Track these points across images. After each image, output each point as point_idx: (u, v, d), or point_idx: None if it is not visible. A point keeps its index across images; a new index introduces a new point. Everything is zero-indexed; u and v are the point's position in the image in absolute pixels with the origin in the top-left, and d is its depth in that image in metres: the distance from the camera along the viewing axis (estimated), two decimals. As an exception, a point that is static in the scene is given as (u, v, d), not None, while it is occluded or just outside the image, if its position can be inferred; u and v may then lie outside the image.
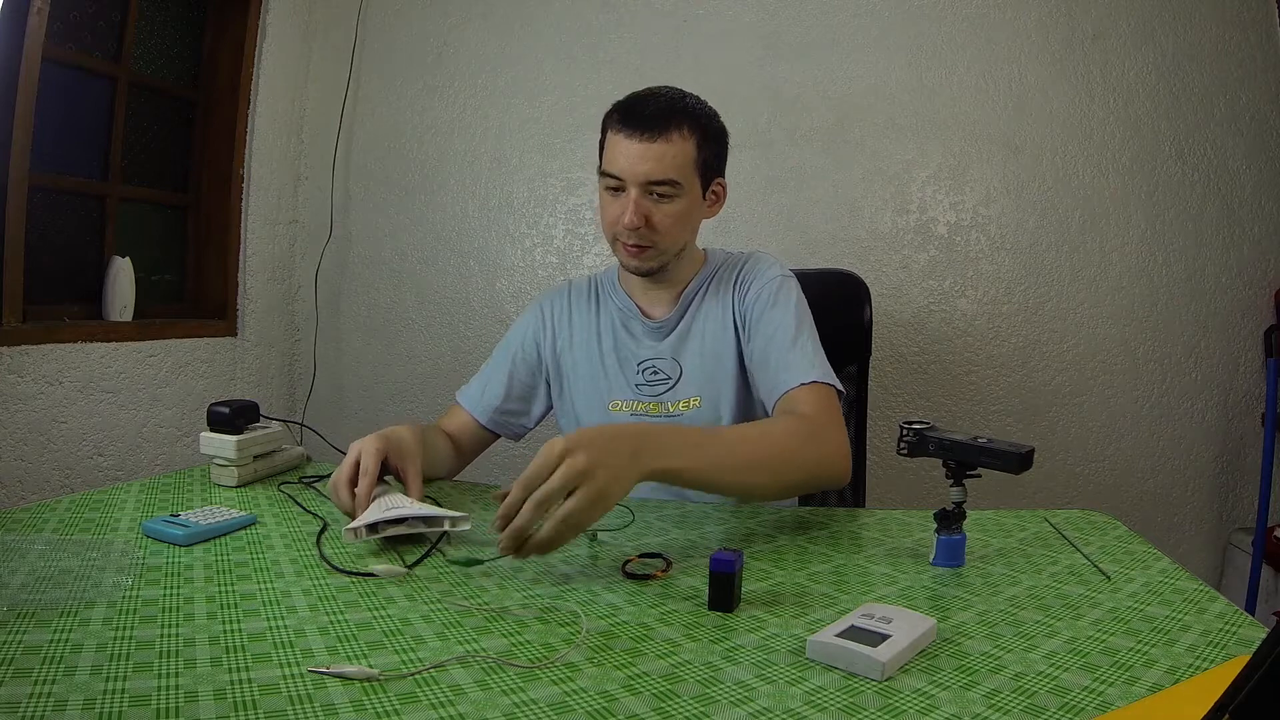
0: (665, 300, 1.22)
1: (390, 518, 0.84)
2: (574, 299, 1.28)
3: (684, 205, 1.11)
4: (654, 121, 1.07)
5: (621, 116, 1.09)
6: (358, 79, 2.41)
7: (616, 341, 1.23)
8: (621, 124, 1.09)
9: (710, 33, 2.21)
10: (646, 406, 1.19)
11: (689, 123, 1.09)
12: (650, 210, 1.09)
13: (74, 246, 1.92)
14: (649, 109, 1.09)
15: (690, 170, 1.10)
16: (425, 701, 0.53)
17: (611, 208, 1.12)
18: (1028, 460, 0.78)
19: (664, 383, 1.19)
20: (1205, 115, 2.04)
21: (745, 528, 0.98)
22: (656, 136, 1.07)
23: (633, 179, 1.08)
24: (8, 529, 0.83)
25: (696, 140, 1.10)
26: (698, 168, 1.11)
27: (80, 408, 1.78)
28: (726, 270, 1.23)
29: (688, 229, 1.16)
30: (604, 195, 1.13)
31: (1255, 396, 2.06)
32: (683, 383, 1.19)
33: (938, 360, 2.13)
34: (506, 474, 2.31)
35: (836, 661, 0.59)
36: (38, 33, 1.64)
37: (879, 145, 2.14)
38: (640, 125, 1.07)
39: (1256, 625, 0.68)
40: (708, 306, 1.21)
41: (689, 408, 1.18)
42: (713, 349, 1.18)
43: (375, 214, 2.43)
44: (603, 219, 1.15)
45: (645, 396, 1.19)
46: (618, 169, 1.09)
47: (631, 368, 1.21)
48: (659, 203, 1.09)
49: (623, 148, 1.08)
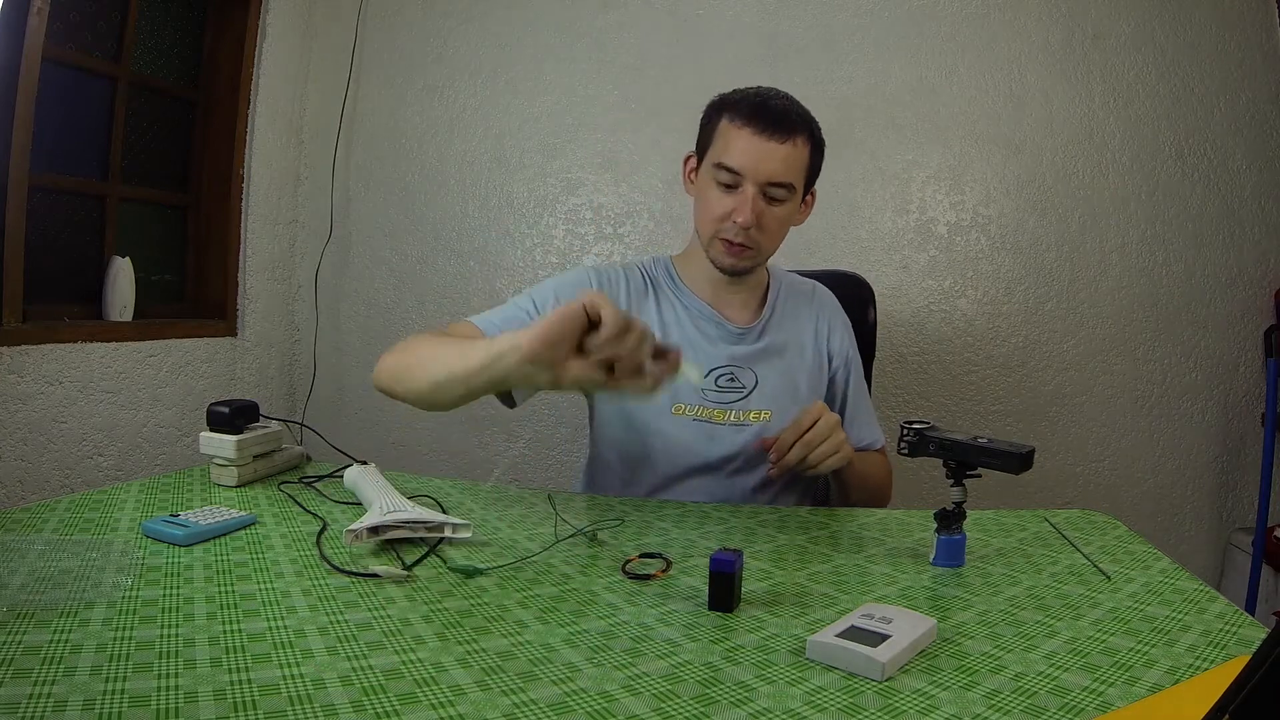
0: (739, 304, 1.20)
1: (392, 520, 0.84)
2: (631, 284, 1.20)
3: (790, 210, 1.12)
4: (783, 123, 1.07)
5: (749, 111, 1.08)
6: (358, 79, 2.41)
7: (688, 342, 1.16)
8: (749, 119, 1.08)
9: (710, 33, 2.21)
10: (711, 413, 1.15)
11: (807, 131, 1.10)
12: (762, 211, 1.09)
13: (74, 246, 1.92)
14: (777, 108, 1.09)
15: (802, 177, 1.12)
16: (425, 702, 0.53)
17: (722, 202, 1.10)
18: (1028, 460, 0.78)
19: (737, 391, 1.16)
20: (1205, 115, 2.04)
21: (745, 527, 0.98)
22: (785, 138, 1.07)
23: (754, 177, 1.07)
24: (8, 529, 0.83)
25: (810, 148, 1.11)
26: (807, 174, 1.13)
27: (80, 408, 1.78)
28: (795, 289, 1.26)
29: (785, 234, 1.16)
30: (711, 189, 1.11)
31: (1255, 396, 2.06)
32: (756, 394, 1.16)
33: (938, 360, 2.13)
34: (507, 474, 2.31)
35: (836, 661, 0.59)
36: (38, 33, 1.64)
37: (879, 145, 2.14)
38: (770, 124, 1.07)
39: (1256, 625, 0.68)
40: (788, 324, 1.21)
41: (758, 420, 1.15)
42: (793, 368, 1.19)
43: (375, 214, 2.43)
44: (704, 213, 1.12)
45: (712, 403, 1.15)
46: (740, 164, 1.07)
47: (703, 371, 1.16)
48: (770, 205, 1.09)
49: (748, 144, 1.07)
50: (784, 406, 1.16)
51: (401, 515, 0.84)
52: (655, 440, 1.16)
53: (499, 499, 1.07)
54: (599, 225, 2.28)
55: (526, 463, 2.34)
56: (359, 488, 0.98)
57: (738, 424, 1.16)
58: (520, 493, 1.11)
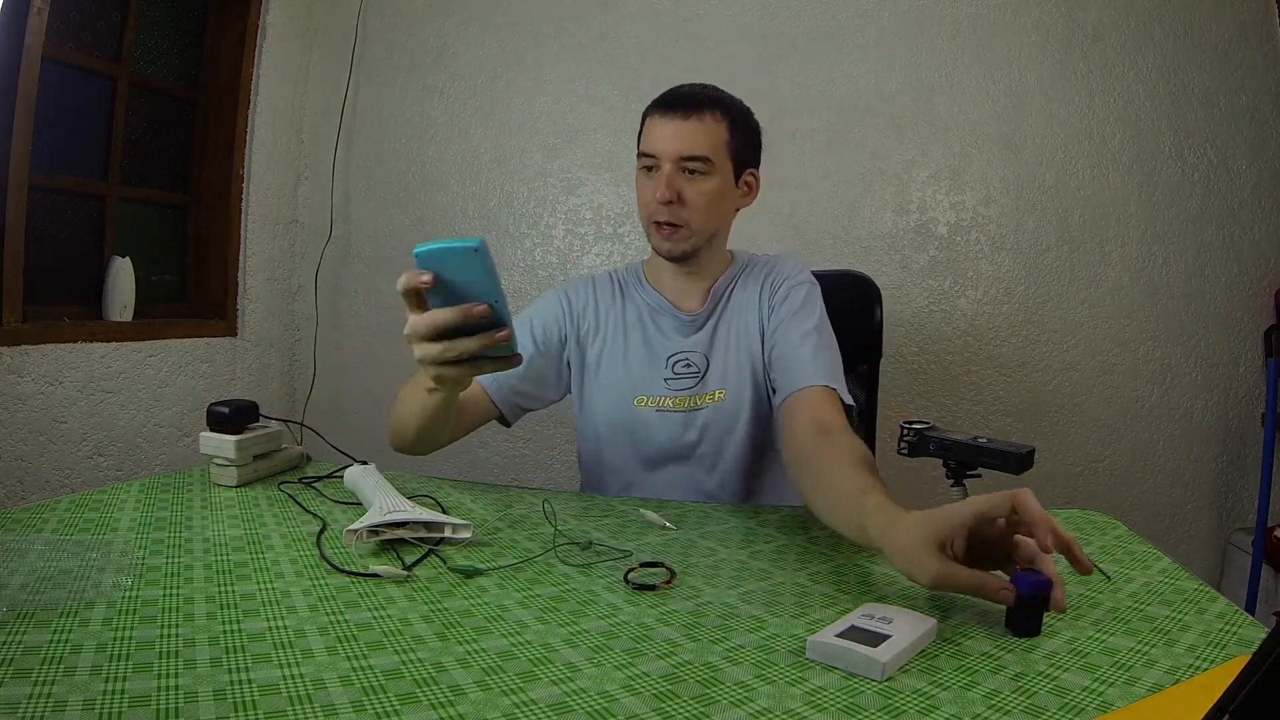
0: (696, 294, 1.23)
1: (392, 520, 0.84)
2: (599, 291, 1.27)
3: (716, 185, 1.14)
4: (687, 102, 1.13)
5: (659, 101, 1.16)
6: (358, 79, 2.41)
7: (645, 336, 1.22)
8: (657, 108, 1.15)
9: (710, 33, 2.21)
10: (674, 401, 1.19)
11: (720, 108, 1.14)
12: (682, 187, 1.12)
13: (74, 246, 1.92)
14: (684, 92, 1.15)
15: (722, 151, 1.14)
16: (425, 702, 0.53)
17: (646, 188, 1.15)
18: (1028, 460, 0.79)
19: (693, 376, 1.20)
20: (1205, 115, 2.04)
21: (745, 527, 0.98)
22: (689, 115, 1.12)
23: (665, 155, 1.12)
24: (8, 529, 0.83)
25: (728, 125, 1.14)
26: (729, 150, 1.15)
27: (80, 408, 1.78)
28: (755, 269, 1.25)
29: (718, 212, 1.17)
30: (640, 179, 1.17)
31: (1255, 396, 2.06)
32: (710, 375, 1.20)
33: (938, 360, 2.13)
34: (507, 474, 2.31)
35: (836, 661, 0.59)
36: (38, 33, 1.64)
37: (879, 145, 2.14)
38: (674, 105, 1.13)
39: (1256, 625, 0.68)
40: (735, 301, 1.22)
41: (714, 400, 1.19)
42: (739, 343, 1.20)
43: (375, 214, 2.43)
44: (639, 204, 1.18)
45: (674, 391, 1.19)
46: (652, 147, 1.13)
47: (661, 362, 1.20)
48: (691, 179, 1.13)
49: (658, 127, 1.13)
50: (738, 382, 1.18)
51: (401, 515, 0.84)
52: (623, 433, 1.21)
53: (499, 499, 1.07)
54: (599, 225, 2.29)
55: (526, 463, 2.34)
56: (359, 488, 0.98)
57: (697, 408, 1.19)
58: (520, 492, 1.11)
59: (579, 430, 1.29)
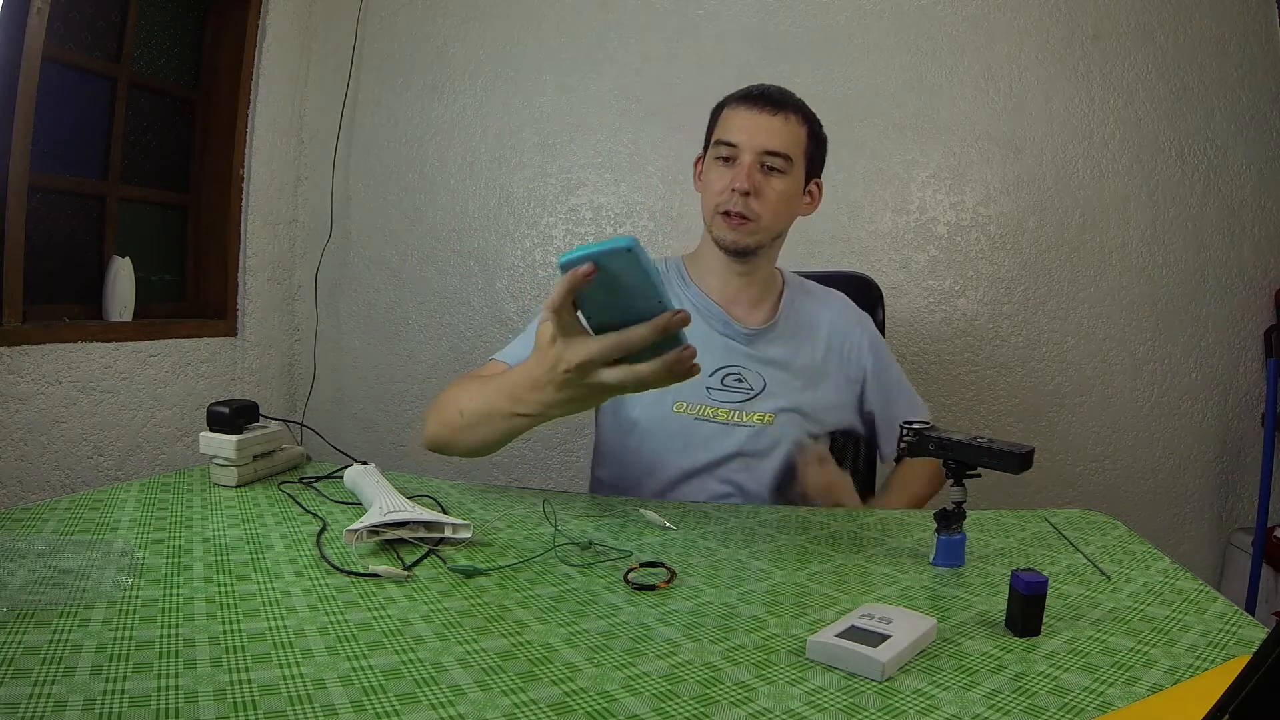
0: (748, 304, 1.21)
1: (392, 520, 0.84)
2: None
3: (790, 185, 1.15)
4: (777, 99, 1.14)
5: (745, 94, 1.16)
6: (358, 79, 2.41)
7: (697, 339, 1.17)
8: (744, 100, 1.15)
9: (710, 33, 2.21)
10: (714, 412, 1.16)
11: (802, 113, 1.16)
12: (760, 182, 1.12)
13: (74, 246, 1.92)
14: (772, 89, 1.16)
15: (800, 153, 1.15)
16: (425, 702, 0.53)
17: (721, 177, 1.14)
18: (1028, 460, 0.78)
19: (744, 392, 1.17)
20: (1205, 115, 2.04)
21: (745, 527, 0.98)
22: (776, 111, 1.13)
23: (750, 147, 1.12)
24: (8, 529, 0.83)
25: (807, 130, 1.16)
26: (805, 154, 1.16)
27: (80, 408, 1.78)
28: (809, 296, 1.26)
29: (787, 213, 1.18)
30: (712, 167, 1.16)
31: (1255, 396, 2.06)
32: (762, 396, 1.17)
33: (938, 360, 2.13)
34: (507, 474, 2.31)
35: (836, 662, 0.59)
36: (38, 33, 1.64)
37: (879, 145, 2.14)
38: (762, 99, 1.14)
39: (1256, 625, 0.68)
40: (803, 333, 1.21)
41: (760, 422, 1.16)
42: (803, 378, 1.18)
43: (375, 214, 2.43)
44: (707, 193, 1.17)
45: (716, 402, 1.16)
46: (735, 136, 1.13)
47: (708, 370, 1.16)
48: (769, 176, 1.13)
49: (743, 118, 1.13)
50: (788, 416, 1.17)
51: (401, 515, 0.84)
52: (656, 439, 1.17)
53: (499, 499, 1.07)
54: (599, 225, 2.28)
55: (526, 463, 2.34)
56: (359, 488, 0.98)
57: (739, 424, 1.16)
58: (520, 493, 1.11)
59: (602, 429, 1.25)
